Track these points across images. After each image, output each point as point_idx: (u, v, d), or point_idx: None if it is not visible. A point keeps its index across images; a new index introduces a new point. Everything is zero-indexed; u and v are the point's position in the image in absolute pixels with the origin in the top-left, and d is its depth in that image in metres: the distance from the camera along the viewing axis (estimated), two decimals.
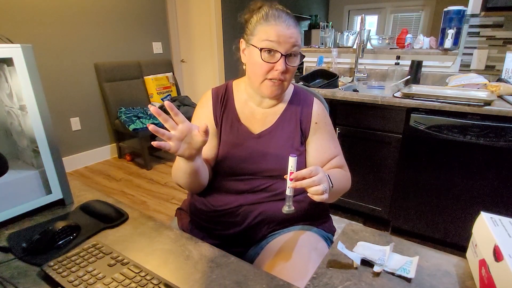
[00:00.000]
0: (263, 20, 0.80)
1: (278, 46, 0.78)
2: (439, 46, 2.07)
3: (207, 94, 0.94)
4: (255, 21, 0.82)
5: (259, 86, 0.84)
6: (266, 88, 0.83)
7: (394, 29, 6.59)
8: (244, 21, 0.86)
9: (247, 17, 0.85)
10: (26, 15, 2.46)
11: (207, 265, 0.62)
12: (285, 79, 0.82)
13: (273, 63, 0.79)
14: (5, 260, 0.63)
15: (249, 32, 0.83)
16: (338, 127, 1.96)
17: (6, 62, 0.73)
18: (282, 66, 0.79)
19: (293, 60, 0.82)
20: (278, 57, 0.79)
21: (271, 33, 0.78)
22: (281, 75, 0.81)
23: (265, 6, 0.83)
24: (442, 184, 1.71)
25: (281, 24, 0.78)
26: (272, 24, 0.78)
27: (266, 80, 0.82)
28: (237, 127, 0.89)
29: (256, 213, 0.84)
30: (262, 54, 0.79)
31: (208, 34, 4.08)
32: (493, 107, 1.48)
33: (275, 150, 0.86)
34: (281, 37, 0.77)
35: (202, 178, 0.82)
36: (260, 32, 0.80)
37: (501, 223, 0.57)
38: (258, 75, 0.82)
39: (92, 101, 3.02)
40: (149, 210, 2.28)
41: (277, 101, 0.91)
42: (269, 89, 0.83)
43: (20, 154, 0.86)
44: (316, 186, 0.66)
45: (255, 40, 0.80)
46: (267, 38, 0.78)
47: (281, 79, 0.82)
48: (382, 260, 0.60)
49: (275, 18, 0.79)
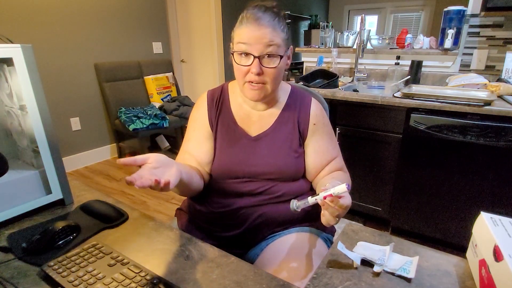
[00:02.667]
0: (239, 23, 0.78)
1: (250, 47, 0.75)
2: (439, 46, 2.07)
3: (202, 96, 0.93)
4: (236, 25, 0.81)
5: (242, 90, 0.83)
6: (248, 92, 0.81)
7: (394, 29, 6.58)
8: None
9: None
10: (26, 15, 2.46)
11: (207, 265, 0.62)
12: (265, 82, 0.79)
13: (247, 66, 0.77)
14: (5, 260, 0.63)
15: (232, 37, 0.82)
16: (338, 127, 1.96)
17: (6, 62, 0.73)
18: (256, 68, 0.76)
19: (270, 61, 0.77)
20: (252, 60, 0.76)
21: (243, 35, 0.76)
22: (260, 78, 0.77)
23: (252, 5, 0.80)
24: (442, 184, 1.71)
25: (252, 24, 0.75)
26: (243, 27, 0.76)
27: (246, 83, 0.80)
28: (234, 129, 0.88)
29: (256, 215, 0.84)
30: (235, 58, 0.78)
31: (208, 34, 4.08)
32: (493, 107, 1.48)
33: (273, 152, 0.85)
34: (252, 38, 0.74)
35: (193, 187, 0.81)
36: (235, 36, 0.79)
37: (501, 223, 0.57)
38: (238, 78, 0.81)
39: (92, 101, 3.02)
40: (149, 210, 2.28)
41: (269, 105, 0.89)
42: (250, 93, 0.81)
43: (20, 154, 0.86)
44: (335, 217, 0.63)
45: (234, 43, 0.80)
46: (239, 41, 0.77)
47: (261, 82, 0.78)
48: (382, 260, 0.60)
49: (247, 20, 0.76)
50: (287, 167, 0.85)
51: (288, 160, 0.85)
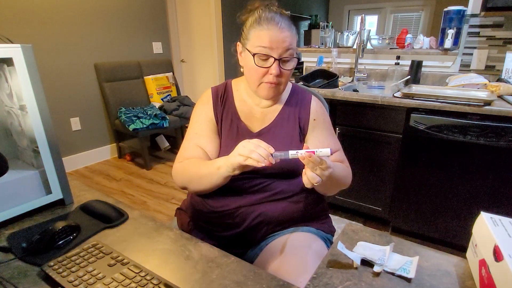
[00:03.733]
0: (256, 24, 0.80)
1: (271, 51, 0.78)
2: (439, 46, 2.07)
3: (207, 92, 0.95)
4: (249, 24, 0.82)
5: (256, 89, 0.86)
6: (263, 91, 0.85)
7: (394, 29, 6.58)
8: (241, 22, 0.86)
9: (244, 18, 0.85)
10: (26, 15, 2.46)
11: (207, 265, 0.62)
12: (280, 82, 0.84)
13: (267, 67, 0.80)
14: (5, 260, 0.63)
15: (245, 35, 0.83)
16: (338, 127, 1.96)
17: (6, 62, 0.73)
18: (276, 70, 0.80)
19: (288, 64, 0.82)
20: (272, 62, 0.79)
21: (264, 38, 0.78)
22: (276, 79, 0.81)
23: (261, 7, 0.82)
24: (442, 184, 1.71)
25: (273, 28, 0.78)
26: (264, 29, 0.78)
27: (263, 83, 0.83)
28: (237, 125, 0.90)
29: (255, 214, 0.84)
30: (255, 60, 0.80)
31: (208, 34, 4.08)
32: (493, 107, 1.48)
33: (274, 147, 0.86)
34: (274, 42, 0.77)
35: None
36: (253, 37, 0.80)
37: (501, 223, 0.57)
38: (254, 79, 0.83)
39: (92, 101, 3.02)
40: (149, 210, 2.28)
41: (274, 102, 0.92)
42: (266, 92, 0.85)
43: (20, 154, 0.86)
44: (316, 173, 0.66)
45: (250, 45, 0.81)
46: (260, 44, 0.78)
47: (277, 83, 0.82)
48: (382, 260, 0.60)
49: (267, 22, 0.78)
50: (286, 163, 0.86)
51: None
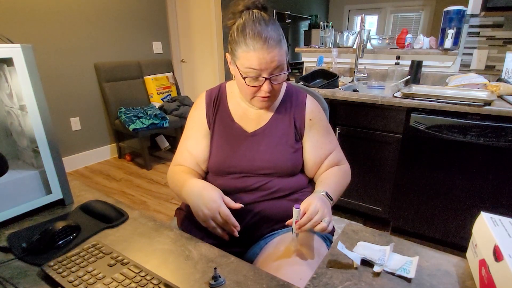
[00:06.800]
0: (243, 44, 0.76)
1: (261, 72, 0.77)
2: (439, 46, 2.07)
3: (201, 96, 0.97)
4: (235, 36, 0.78)
5: (250, 101, 0.87)
6: (257, 103, 0.86)
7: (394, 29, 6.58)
8: (228, 27, 0.84)
9: (230, 23, 0.82)
10: (26, 15, 2.46)
11: (207, 265, 0.62)
12: (274, 95, 0.84)
13: (258, 86, 0.81)
14: (5, 260, 0.63)
15: (233, 49, 0.80)
16: (338, 127, 1.96)
17: (6, 62, 0.73)
18: (267, 87, 0.80)
19: (279, 78, 0.81)
20: (263, 81, 0.79)
21: (253, 60, 0.76)
22: (269, 93, 0.82)
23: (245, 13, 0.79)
24: (442, 184, 1.71)
25: (261, 48, 0.74)
26: (251, 50, 0.75)
27: (256, 97, 0.84)
28: (231, 126, 0.91)
29: (254, 212, 0.85)
30: (246, 81, 0.79)
31: (208, 34, 4.07)
32: (493, 107, 1.48)
33: (269, 147, 0.88)
34: (263, 64, 0.76)
35: None
36: (241, 57, 0.77)
37: (501, 223, 0.57)
38: (247, 94, 0.84)
39: (92, 101, 3.02)
40: (149, 210, 2.28)
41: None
42: (260, 104, 0.86)
43: (20, 154, 0.86)
44: (320, 225, 0.71)
45: (239, 63, 0.79)
46: (249, 66, 0.77)
47: (270, 96, 0.83)
48: (382, 260, 0.60)
49: (254, 41, 0.74)
50: (283, 162, 0.87)
51: (284, 155, 0.88)
